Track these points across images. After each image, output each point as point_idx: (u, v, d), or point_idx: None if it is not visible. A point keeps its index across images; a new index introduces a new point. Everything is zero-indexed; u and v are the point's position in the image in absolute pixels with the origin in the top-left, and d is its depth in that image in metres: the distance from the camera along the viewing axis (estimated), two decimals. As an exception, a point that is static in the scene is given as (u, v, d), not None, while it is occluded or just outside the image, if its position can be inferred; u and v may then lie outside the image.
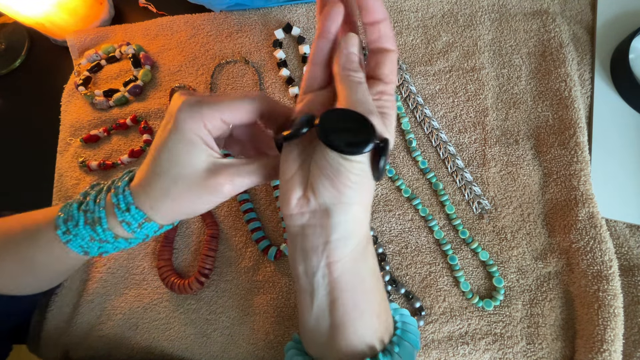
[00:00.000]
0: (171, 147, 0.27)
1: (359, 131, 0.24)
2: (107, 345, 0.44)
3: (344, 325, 0.27)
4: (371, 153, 0.25)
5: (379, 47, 0.28)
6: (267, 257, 0.44)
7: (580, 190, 0.41)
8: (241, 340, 0.42)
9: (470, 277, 0.42)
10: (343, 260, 0.27)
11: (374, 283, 0.28)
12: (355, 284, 0.27)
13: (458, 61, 0.48)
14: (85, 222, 0.30)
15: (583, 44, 0.47)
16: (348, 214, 0.26)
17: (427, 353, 0.40)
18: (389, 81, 0.28)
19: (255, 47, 0.52)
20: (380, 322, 0.28)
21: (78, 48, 0.55)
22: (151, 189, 0.28)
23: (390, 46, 0.28)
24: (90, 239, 0.31)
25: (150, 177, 0.28)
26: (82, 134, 0.52)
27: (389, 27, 0.28)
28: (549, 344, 0.39)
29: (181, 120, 0.27)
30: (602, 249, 0.39)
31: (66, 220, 0.31)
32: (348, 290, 0.27)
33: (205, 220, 0.46)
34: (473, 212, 0.43)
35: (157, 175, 0.28)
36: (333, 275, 0.27)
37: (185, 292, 0.43)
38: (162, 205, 0.29)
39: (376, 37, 0.28)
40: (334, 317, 0.27)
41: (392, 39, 0.28)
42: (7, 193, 0.54)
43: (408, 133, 0.46)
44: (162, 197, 0.28)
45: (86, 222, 0.30)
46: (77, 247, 0.32)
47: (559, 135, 0.43)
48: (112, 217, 0.30)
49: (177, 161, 0.27)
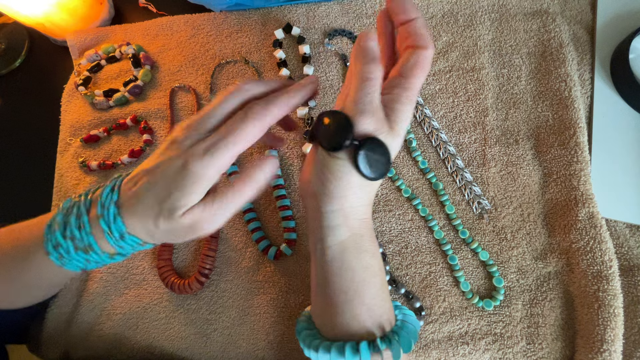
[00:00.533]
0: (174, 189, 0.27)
1: (340, 130, 0.26)
2: (107, 345, 0.44)
3: (334, 305, 0.30)
4: (351, 151, 0.27)
5: (406, 45, 0.29)
6: (267, 257, 0.44)
7: (580, 190, 0.41)
8: (241, 340, 0.42)
9: (470, 277, 0.42)
10: (333, 247, 0.30)
11: (367, 277, 0.30)
12: (343, 272, 0.30)
13: (458, 61, 0.48)
14: (76, 249, 0.29)
15: (583, 44, 0.47)
16: (334, 205, 0.29)
17: (427, 353, 0.40)
18: (407, 75, 0.28)
19: (255, 47, 0.52)
20: (370, 314, 0.30)
21: (78, 48, 0.55)
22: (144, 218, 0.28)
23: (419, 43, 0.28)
24: (86, 261, 0.30)
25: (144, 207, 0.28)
26: (82, 134, 0.52)
27: (421, 24, 0.28)
28: (549, 344, 0.39)
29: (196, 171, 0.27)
30: (602, 249, 0.39)
31: (56, 247, 0.29)
32: (336, 275, 0.30)
33: (205, 220, 0.46)
34: (473, 212, 0.43)
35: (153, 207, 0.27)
36: (325, 258, 0.30)
37: (185, 292, 0.43)
38: (154, 235, 0.29)
39: (404, 36, 0.29)
40: (325, 294, 0.30)
41: (424, 37, 0.28)
42: (7, 193, 0.54)
43: (408, 133, 0.46)
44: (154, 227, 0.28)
45: (77, 248, 0.29)
46: (74, 267, 0.31)
47: (559, 135, 0.43)
48: (103, 242, 0.29)
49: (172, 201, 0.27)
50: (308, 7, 0.52)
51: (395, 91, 0.28)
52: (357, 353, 0.28)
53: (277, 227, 0.45)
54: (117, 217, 0.28)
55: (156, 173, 0.28)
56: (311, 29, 0.51)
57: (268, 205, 0.46)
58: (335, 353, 0.28)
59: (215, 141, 0.27)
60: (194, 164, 0.27)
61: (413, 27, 0.28)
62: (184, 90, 0.52)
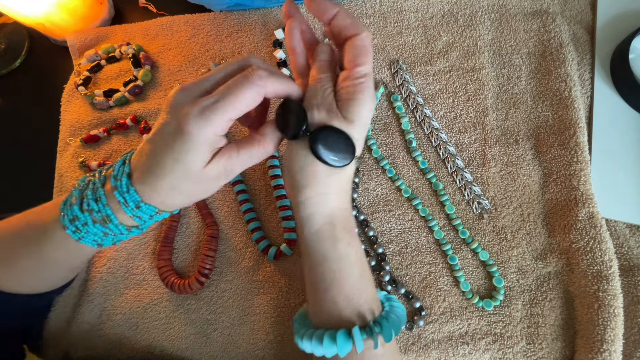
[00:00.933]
0: (179, 154, 0.27)
1: (298, 119, 0.29)
2: (107, 345, 0.44)
3: (315, 293, 0.32)
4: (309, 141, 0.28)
5: (340, 40, 0.31)
6: (267, 257, 0.44)
7: (580, 190, 0.41)
8: (241, 340, 0.42)
9: (470, 277, 0.42)
10: (309, 237, 0.31)
11: (344, 267, 0.31)
12: (320, 261, 0.31)
13: (458, 61, 0.48)
14: (94, 221, 0.30)
15: (583, 44, 0.47)
16: (303, 195, 0.30)
17: (427, 353, 0.40)
18: (350, 67, 0.30)
19: (255, 47, 0.52)
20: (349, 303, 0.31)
21: (78, 48, 0.55)
22: (159, 187, 0.29)
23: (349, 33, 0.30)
24: (104, 234, 0.31)
25: (155, 175, 0.28)
26: (82, 134, 0.52)
27: (343, 16, 0.30)
28: (549, 344, 0.39)
29: (191, 132, 0.27)
30: (602, 249, 0.39)
31: (72, 220, 0.30)
32: (314, 264, 0.32)
33: (205, 220, 0.46)
34: (473, 212, 0.43)
35: (163, 175, 0.28)
36: (304, 248, 0.32)
37: (185, 292, 0.43)
38: (173, 200, 0.30)
39: (335, 32, 0.31)
40: (310, 283, 0.32)
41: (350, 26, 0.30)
42: (7, 193, 0.54)
43: (408, 133, 0.46)
44: (172, 192, 0.29)
45: (95, 220, 0.30)
46: (91, 242, 0.32)
47: (559, 135, 0.43)
48: (120, 213, 0.30)
49: (184, 164, 0.28)
50: (308, 7, 0.52)
51: (346, 84, 0.30)
52: (334, 342, 0.29)
53: (277, 227, 0.45)
54: (130, 188, 0.29)
55: (156, 140, 0.28)
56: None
57: (268, 205, 0.46)
58: (315, 341, 0.30)
59: (210, 103, 0.27)
60: (188, 125, 0.26)
61: (338, 21, 0.30)
62: (184, 90, 0.52)
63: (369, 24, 0.50)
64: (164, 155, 0.28)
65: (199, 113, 0.27)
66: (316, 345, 0.30)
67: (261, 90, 0.28)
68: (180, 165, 0.28)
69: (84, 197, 0.30)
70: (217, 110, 0.27)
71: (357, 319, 0.30)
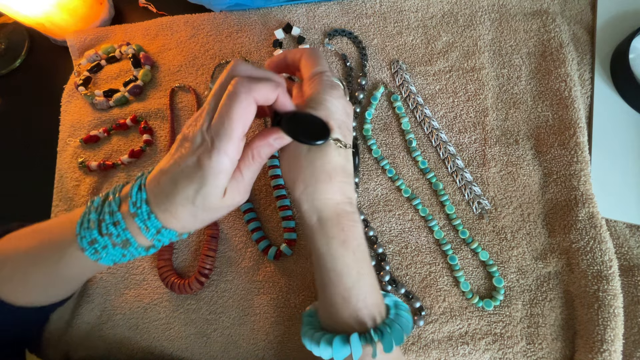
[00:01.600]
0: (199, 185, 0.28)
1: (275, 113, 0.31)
2: (107, 346, 0.44)
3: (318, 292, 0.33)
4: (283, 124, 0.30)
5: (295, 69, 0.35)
6: (267, 257, 0.44)
7: (580, 190, 0.41)
8: (241, 340, 0.42)
9: (470, 277, 0.42)
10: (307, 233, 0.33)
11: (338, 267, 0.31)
12: (317, 257, 0.32)
13: (458, 61, 0.48)
14: (114, 245, 0.30)
15: (583, 44, 0.47)
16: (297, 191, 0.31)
17: (427, 353, 0.40)
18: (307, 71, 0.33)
19: (255, 47, 0.52)
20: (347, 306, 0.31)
21: (78, 48, 0.55)
22: (180, 214, 0.29)
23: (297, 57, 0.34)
24: (122, 255, 0.31)
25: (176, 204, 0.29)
26: (82, 134, 0.52)
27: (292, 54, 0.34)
28: (549, 344, 0.39)
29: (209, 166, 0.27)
30: (602, 249, 0.39)
31: (91, 243, 0.30)
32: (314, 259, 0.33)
33: (205, 220, 0.46)
34: (473, 212, 0.43)
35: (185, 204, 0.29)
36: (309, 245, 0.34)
37: (185, 292, 0.43)
38: (193, 225, 0.31)
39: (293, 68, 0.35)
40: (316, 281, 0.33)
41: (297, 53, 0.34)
42: (7, 193, 0.54)
43: (408, 133, 0.46)
44: (192, 218, 0.30)
45: (114, 244, 0.30)
46: (109, 262, 0.32)
47: (559, 135, 0.43)
48: (140, 237, 0.30)
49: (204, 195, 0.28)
50: (308, 7, 0.52)
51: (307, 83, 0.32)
52: (330, 346, 0.29)
53: (277, 227, 0.45)
54: (150, 215, 0.29)
55: (174, 171, 0.29)
56: (311, 29, 0.51)
57: (268, 205, 0.46)
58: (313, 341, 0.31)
59: (216, 130, 0.28)
60: (206, 160, 0.27)
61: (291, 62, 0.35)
62: (184, 90, 0.52)
63: (369, 24, 0.50)
64: (183, 187, 0.28)
65: (212, 144, 0.27)
66: (314, 346, 0.30)
67: (250, 100, 0.28)
68: (200, 196, 0.28)
69: (102, 221, 0.30)
70: (222, 138, 0.27)
71: (355, 324, 0.30)
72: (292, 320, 0.42)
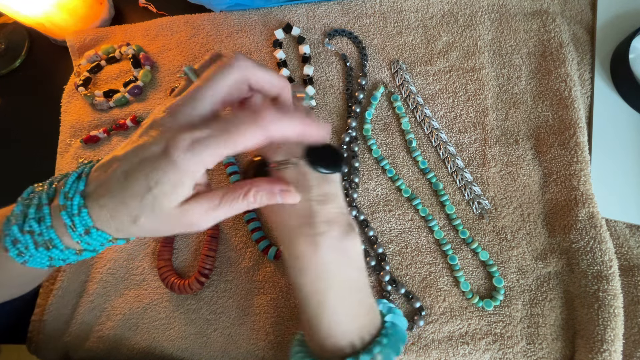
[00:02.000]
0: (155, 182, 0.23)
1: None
2: (107, 346, 0.44)
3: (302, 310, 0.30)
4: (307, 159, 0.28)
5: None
6: (267, 257, 0.44)
7: (580, 190, 0.41)
8: (241, 340, 0.42)
9: (470, 277, 0.42)
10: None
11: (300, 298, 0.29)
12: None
13: (458, 61, 0.48)
14: (37, 245, 0.25)
15: (583, 44, 0.47)
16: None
17: (427, 353, 0.40)
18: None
19: (255, 47, 0.52)
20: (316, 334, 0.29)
21: (78, 48, 0.55)
22: (119, 214, 0.24)
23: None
24: (50, 258, 0.27)
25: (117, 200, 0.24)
26: (82, 134, 0.52)
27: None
28: (549, 344, 0.39)
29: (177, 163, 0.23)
30: (602, 249, 0.39)
31: (14, 242, 0.26)
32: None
33: (205, 221, 0.46)
34: (473, 212, 0.43)
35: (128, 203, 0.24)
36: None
37: (185, 292, 0.43)
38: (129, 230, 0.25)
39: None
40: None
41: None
42: (6, 194, 0.54)
43: (408, 133, 0.46)
44: (131, 223, 0.24)
45: (37, 245, 0.25)
46: (38, 265, 0.27)
47: (559, 135, 0.43)
48: (66, 237, 0.25)
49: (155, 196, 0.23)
50: (308, 7, 0.52)
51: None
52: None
53: (277, 227, 0.45)
54: (82, 210, 0.24)
55: (131, 160, 0.24)
56: (311, 29, 0.51)
57: (268, 206, 0.46)
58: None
59: (207, 136, 0.23)
60: (177, 153, 0.23)
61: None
62: (184, 91, 0.52)
63: (369, 24, 0.50)
64: (135, 180, 0.23)
65: (190, 145, 0.23)
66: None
67: (268, 135, 0.24)
68: (152, 194, 0.23)
69: (26, 216, 0.25)
70: (211, 146, 0.23)
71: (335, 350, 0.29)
72: (292, 320, 0.42)
